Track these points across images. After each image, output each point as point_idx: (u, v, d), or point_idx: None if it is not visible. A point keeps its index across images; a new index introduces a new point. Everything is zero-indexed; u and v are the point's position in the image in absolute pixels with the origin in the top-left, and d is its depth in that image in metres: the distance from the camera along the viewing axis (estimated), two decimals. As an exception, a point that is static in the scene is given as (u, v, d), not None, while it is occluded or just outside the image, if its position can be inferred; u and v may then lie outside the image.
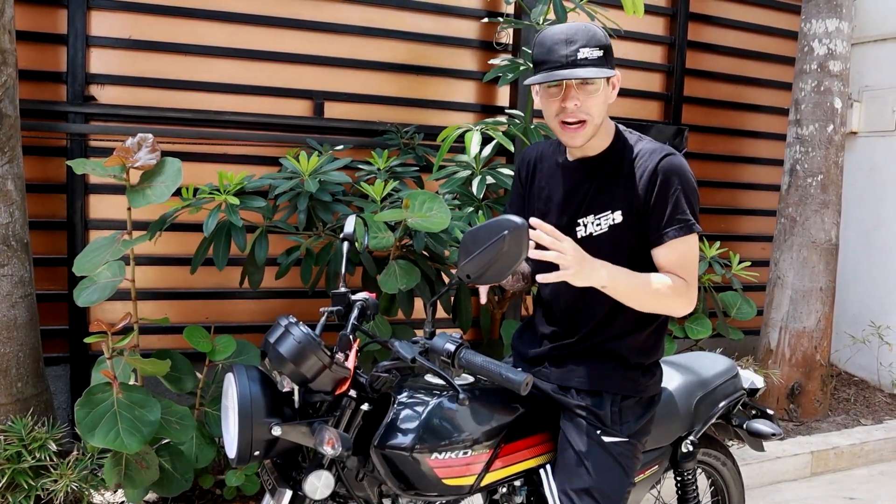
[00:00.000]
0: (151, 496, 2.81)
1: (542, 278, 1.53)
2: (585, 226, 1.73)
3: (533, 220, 1.49)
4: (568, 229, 1.74)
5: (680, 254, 1.67)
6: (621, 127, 1.79)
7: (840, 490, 3.60)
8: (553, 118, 1.68)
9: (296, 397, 1.51)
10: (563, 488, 1.69)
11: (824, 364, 4.26)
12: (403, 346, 1.50)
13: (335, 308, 1.70)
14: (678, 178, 1.66)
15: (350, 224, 1.83)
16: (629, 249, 1.69)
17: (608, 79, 1.68)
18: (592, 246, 1.69)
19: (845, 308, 5.02)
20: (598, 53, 1.61)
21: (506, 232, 1.40)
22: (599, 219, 1.71)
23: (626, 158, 1.71)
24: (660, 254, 1.67)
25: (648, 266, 1.69)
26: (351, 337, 1.57)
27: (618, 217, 1.69)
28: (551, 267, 1.76)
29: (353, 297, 1.73)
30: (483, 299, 1.75)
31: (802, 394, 4.22)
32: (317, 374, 1.46)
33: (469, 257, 1.44)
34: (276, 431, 1.44)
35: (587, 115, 1.64)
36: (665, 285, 1.63)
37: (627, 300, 1.63)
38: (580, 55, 1.59)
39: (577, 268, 1.50)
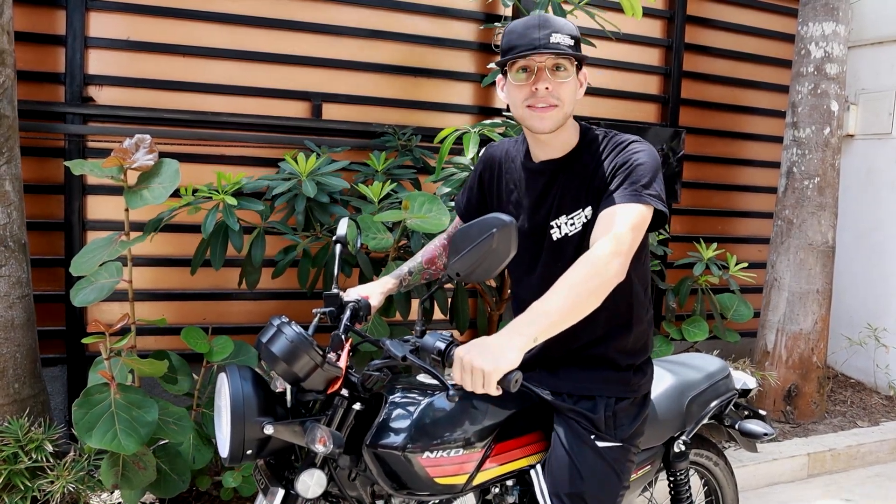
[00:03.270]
0: (148, 497, 2.81)
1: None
2: (560, 227, 1.70)
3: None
4: (541, 233, 1.73)
5: (610, 217, 1.54)
6: (585, 125, 1.76)
7: (836, 492, 3.61)
8: (521, 104, 1.63)
9: (288, 397, 1.51)
10: (555, 492, 1.67)
11: (821, 366, 4.26)
12: (394, 345, 1.50)
13: (327, 309, 1.71)
14: (636, 157, 1.61)
15: (342, 227, 1.84)
16: None
17: (577, 73, 1.65)
18: (569, 246, 1.68)
19: (842, 310, 5.03)
20: (570, 42, 1.59)
21: (494, 230, 1.39)
22: (572, 218, 1.68)
23: (593, 154, 1.68)
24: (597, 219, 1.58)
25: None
26: (343, 337, 1.57)
27: (588, 213, 1.66)
28: (532, 266, 1.76)
29: (346, 299, 1.73)
30: None
31: (799, 396, 4.23)
32: (309, 373, 1.46)
33: (458, 255, 1.43)
34: (269, 430, 1.45)
35: (558, 100, 1.60)
36: (581, 278, 1.45)
37: (570, 320, 1.44)
38: (553, 39, 1.57)
39: (488, 365, 1.31)
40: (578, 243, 1.67)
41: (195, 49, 3.51)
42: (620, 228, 1.52)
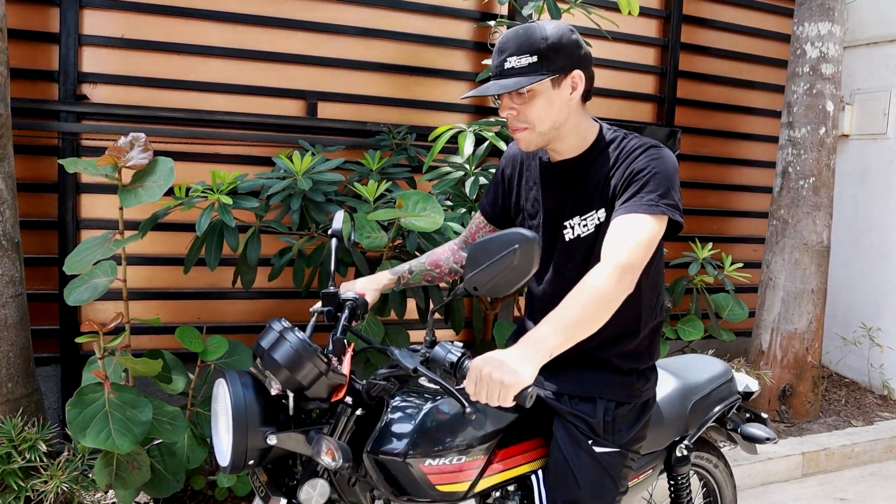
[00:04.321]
0: (143, 497, 2.80)
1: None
2: (572, 228, 1.68)
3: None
4: (555, 233, 1.73)
5: (624, 227, 1.52)
6: (606, 126, 1.73)
7: (830, 491, 3.62)
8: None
9: (290, 403, 1.48)
10: (552, 497, 1.67)
11: (815, 365, 4.27)
12: (404, 356, 1.45)
13: (325, 308, 1.68)
14: (654, 164, 1.58)
15: (338, 220, 1.80)
16: None
17: (559, 81, 1.59)
18: (581, 248, 1.68)
19: (836, 310, 5.05)
20: (530, 60, 1.55)
21: (516, 246, 1.35)
22: (586, 219, 1.66)
23: (608, 157, 1.66)
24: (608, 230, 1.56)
25: None
26: (345, 341, 1.55)
27: (602, 215, 1.64)
28: (544, 266, 1.76)
29: (343, 297, 1.70)
30: None
31: (794, 395, 4.24)
32: (313, 381, 1.43)
33: (477, 269, 1.38)
34: (272, 440, 1.41)
35: (526, 122, 1.61)
36: (594, 291, 1.44)
37: (582, 334, 1.43)
38: (506, 65, 1.57)
39: (508, 378, 1.30)
40: (590, 245, 1.66)
41: (190, 47, 3.49)
42: (633, 241, 1.51)
